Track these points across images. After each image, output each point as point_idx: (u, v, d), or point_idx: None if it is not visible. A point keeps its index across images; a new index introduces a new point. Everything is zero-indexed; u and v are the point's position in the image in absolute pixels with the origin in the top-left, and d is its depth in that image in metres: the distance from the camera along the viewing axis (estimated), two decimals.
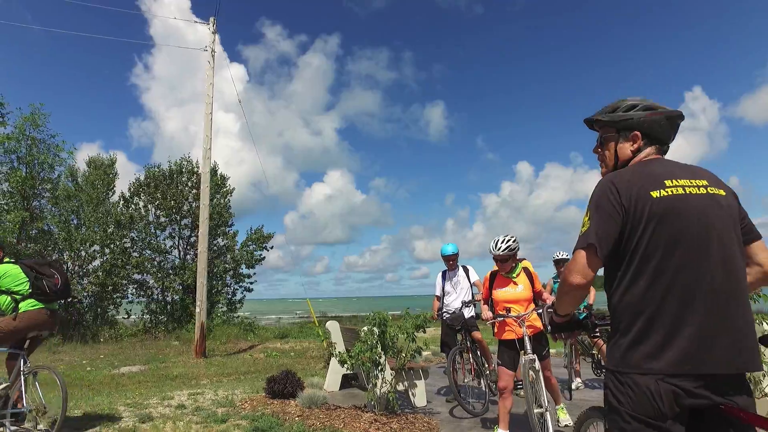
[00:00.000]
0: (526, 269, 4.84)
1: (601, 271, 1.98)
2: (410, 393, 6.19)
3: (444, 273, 6.83)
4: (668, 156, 2.06)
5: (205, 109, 14.87)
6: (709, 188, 1.86)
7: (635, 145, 2.03)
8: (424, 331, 6.13)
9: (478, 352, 6.40)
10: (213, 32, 15.30)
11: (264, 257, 22.68)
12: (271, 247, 22.93)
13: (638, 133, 2.01)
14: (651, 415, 1.68)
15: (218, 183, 21.55)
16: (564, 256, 7.34)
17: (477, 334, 6.41)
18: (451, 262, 6.72)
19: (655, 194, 1.81)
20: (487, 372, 6.33)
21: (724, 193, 1.88)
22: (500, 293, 4.76)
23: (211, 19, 15.46)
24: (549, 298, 4.79)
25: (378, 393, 5.44)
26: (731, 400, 1.68)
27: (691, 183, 1.86)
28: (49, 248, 18.68)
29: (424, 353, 10.05)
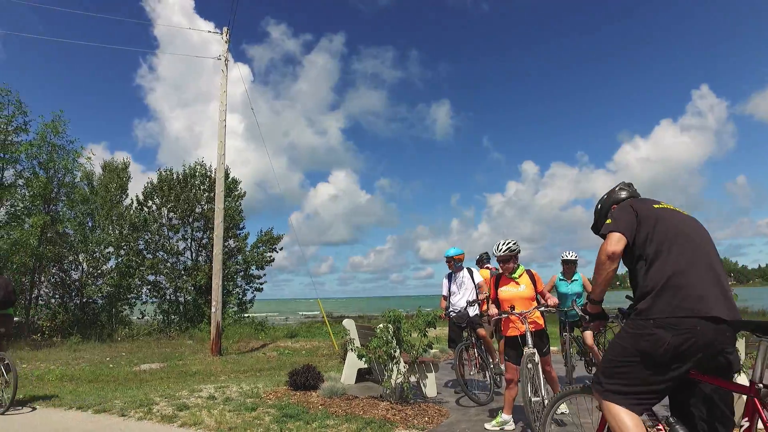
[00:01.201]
0: (528, 271, 5.36)
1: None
2: (422, 384, 6.71)
3: (450, 275, 7.23)
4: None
5: (218, 117, 15.45)
6: (689, 215, 2.76)
7: None
8: (435, 328, 6.64)
9: (483, 347, 6.91)
10: (226, 42, 15.84)
11: (273, 259, 23.27)
12: (281, 249, 23.51)
13: (613, 206, 3.00)
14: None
15: (230, 186, 22.14)
16: (573, 257, 7.52)
17: (481, 331, 6.86)
18: (455, 264, 7.14)
19: (656, 206, 2.74)
20: (492, 365, 6.83)
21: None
22: (504, 292, 5.27)
23: (225, 29, 16.00)
24: (550, 297, 5.27)
25: (393, 384, 5.97)
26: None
27: (676, 208, 2.77)
28: (65, 249, 19.30)
29: (433, 350, 10.55)
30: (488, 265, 8.49)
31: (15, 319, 6.93)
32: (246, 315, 22.52)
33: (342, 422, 5.15)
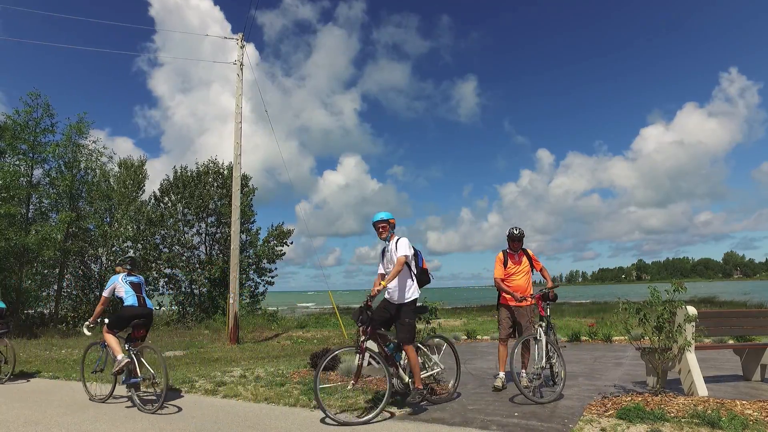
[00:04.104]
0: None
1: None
2: (426, 365, 7.60)
3: (384, 249, 5.67)
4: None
5: (234, 119, 16.32)
6: None
7: None
8: (436, 317, 7.50)
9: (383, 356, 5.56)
10: (241, 47, 16.67)
11: (284, 252, 24.19)
12: (291, 243, 24.42)
13: None
14: None
15: (242, 183, 23.04)
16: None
17: (409, 349, 5.57)
18: (380, 229, 5.55)
19: None
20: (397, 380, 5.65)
21: None
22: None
23: (240, 35, 16.82)
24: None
25: (403, 363, 6.87)
26: None
27: None
28: (87, 244, 20.31)
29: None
30: None
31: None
32: (258, 307, 23.48)
33: (359, 393, 6.08)
